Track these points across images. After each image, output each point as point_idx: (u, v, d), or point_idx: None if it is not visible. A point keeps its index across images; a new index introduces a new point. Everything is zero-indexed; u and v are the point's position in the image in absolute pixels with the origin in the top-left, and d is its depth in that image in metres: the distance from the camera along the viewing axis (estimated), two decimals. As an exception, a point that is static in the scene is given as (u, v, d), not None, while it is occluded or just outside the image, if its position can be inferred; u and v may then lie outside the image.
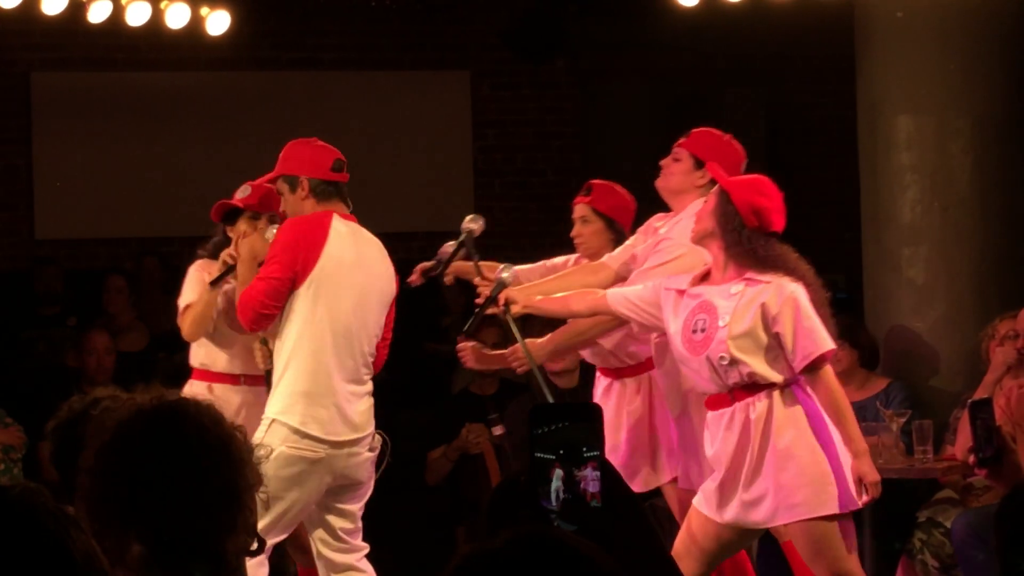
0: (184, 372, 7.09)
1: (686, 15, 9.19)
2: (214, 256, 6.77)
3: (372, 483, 6.27)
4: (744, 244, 5.62)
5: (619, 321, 6.09)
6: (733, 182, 5.76)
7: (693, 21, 9.54)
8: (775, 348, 5.58)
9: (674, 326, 5.72)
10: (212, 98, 11.63)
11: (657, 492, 6.78)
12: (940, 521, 7.57)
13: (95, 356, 9.26)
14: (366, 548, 6.29)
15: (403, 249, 13.23)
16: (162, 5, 9.44)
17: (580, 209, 6.81)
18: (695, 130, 6.51)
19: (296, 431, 5.99)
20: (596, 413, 2.29)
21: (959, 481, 7.57)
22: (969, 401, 5.18)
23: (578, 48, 11.91)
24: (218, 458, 2.70)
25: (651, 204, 6.75)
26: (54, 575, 2.43)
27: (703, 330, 5.63)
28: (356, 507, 6.25)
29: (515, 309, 6.12)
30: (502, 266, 6.50)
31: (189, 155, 11.56)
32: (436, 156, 12.07)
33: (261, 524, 4.81)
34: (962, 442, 7.15)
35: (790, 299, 5.57)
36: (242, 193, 6.67)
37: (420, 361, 11.26)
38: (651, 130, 11.93)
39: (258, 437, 5.95)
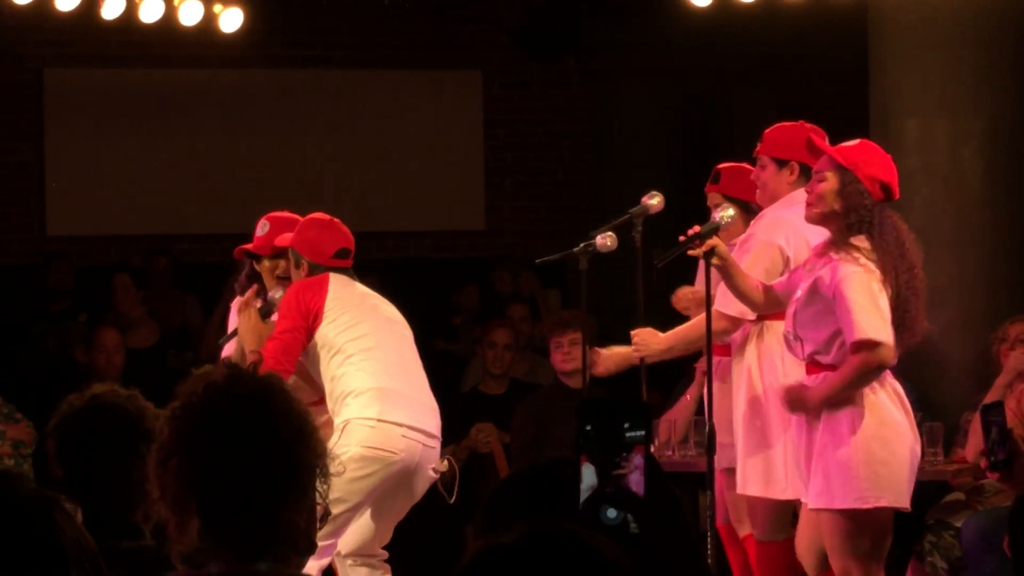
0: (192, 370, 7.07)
1: (698, 15, 9.19)
2: (244, 292, 6.74)
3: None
4: (870, 222, 5.48)
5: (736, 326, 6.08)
6: (851, 155, 5.59)
7: (705, 21, 9.54)
8: (832, 326, 5.47)
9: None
10: (224, 96, 11.64)
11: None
12: (950, 523, 7.57)
13: (105, 353, 9.27)
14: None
15: (413, 247, 13.26)
16: (175, 2, 9.45)
17: (712, 198, 6.59)
18: (766, 132, 6.37)
19: (377, 421, 6.01)
20: (646, 410, 2.28)
21: (969, 483, 7.57)
22: (981, 404, 5.18)
23: (589, 48, 11.90)
24: (297, 437, 2.74)
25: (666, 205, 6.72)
26: (39, 559, 2.42)
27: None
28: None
29: (714, 261, 5.80)
30: (721, 207, 6.25)
31: (201, 152, 11.57)
32: (447, 155, 12.07)
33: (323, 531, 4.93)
34: (973, 445, 7.15)
35: (841, 280, 5.44)
36: (261, 229, 6.65)
37: (430, 360, 11.25)
38: (662, 130, 11.95)
39: (332, 444, 5.90)
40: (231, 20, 9.77)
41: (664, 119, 11.96)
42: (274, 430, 2.74)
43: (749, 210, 6.45)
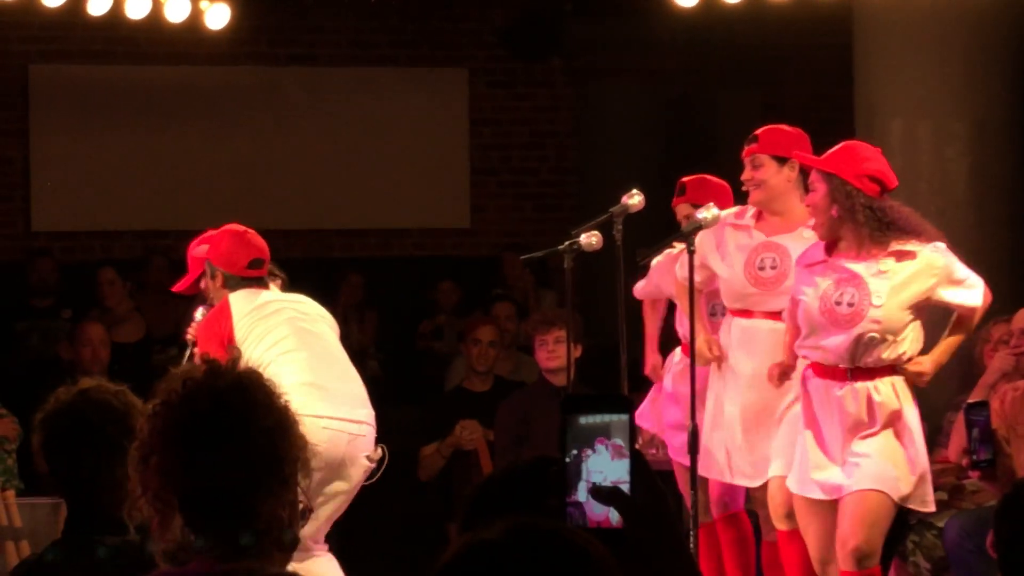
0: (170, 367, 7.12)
1: (683, 15, 9.20)
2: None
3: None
4: (878, 216, 5.60)
5: None
6: (832, 160, 5.69)
7: (690, 22, 9.56)
8: (917, 329, 5.66)
9: (809, 295, 5.70)
10: (210, 93, 11.63)
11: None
12: (932, 523, 7.58)
13: (90, 348, 9.26)
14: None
15: (397, 245, 13.26)
16: (162, -1, 9.44)
17: (681, 209, 6.74)
18: (760, 132, 6.37)
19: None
20: (628, 405, 2.29)
21: (951, 483, 7.58)
22: (965, 403, 5.20)
23: (574, 47, 11.92)
24: (278, 430, 2.75)
25: (647, 202, 6.75)
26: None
27: (851, 304, 5.64)
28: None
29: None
30: (704, 207, 6.25)
31: (186, 149, 11.57)
32: (432, 153, 12.07)
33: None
34: (956, 445, 7.17)
35: (944, 266, 5.73)
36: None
37: (414, 357, 11.28)
38: (646, 130, 11.97)
39: None
40: (217, 17, 9.76)
41: (649, 119, 11.98)
42: (255, 423, 2.74)
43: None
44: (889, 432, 5.63)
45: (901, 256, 5.64)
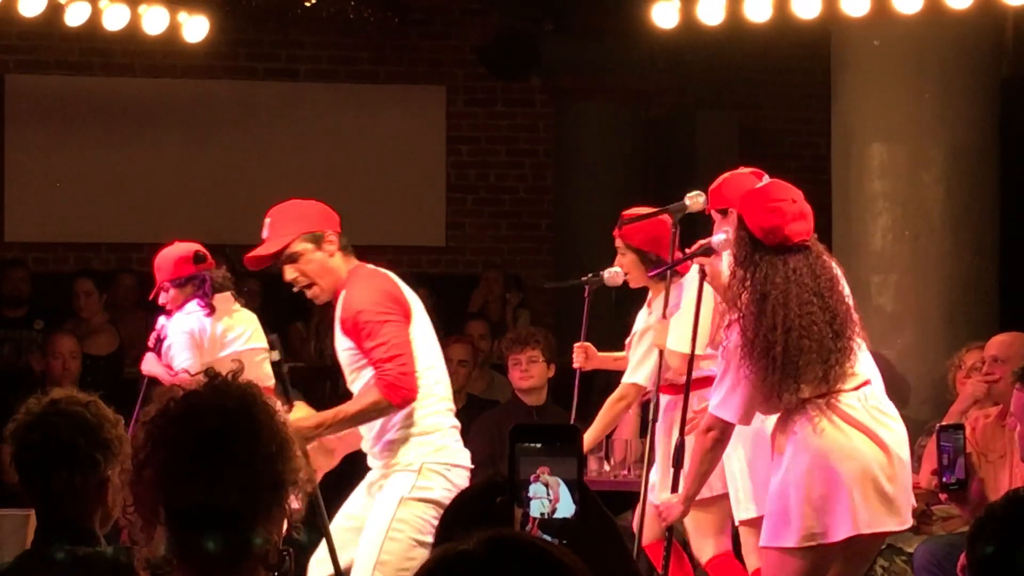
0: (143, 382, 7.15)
1: (663, 37, 9.21)
2: None
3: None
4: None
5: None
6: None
7: (670, 43, 9.58)
8: None
9: None
10: (187, 106, 11.62)
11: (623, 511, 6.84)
12: (901, 548, 7.59)
13: (60, 359, 9.22)
14: None
15: (373, 262, 13.23)
16: (140, 9, 9.42)
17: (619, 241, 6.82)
18: (709, 190, 6.30)
19: None
20: (575, 435, 2.31)
21: (919, 508, 7.59)
22: (938, 425, 5.19)
23: (553, 67, 11.94)
24: (280, 453, 2.72)
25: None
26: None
27: None
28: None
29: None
30: (690, 195, 6.26)
31: (162, 162, 11.55)
32: (409, 170, 12.07)
33: None
34: (926, 470, 7.18)
35: None
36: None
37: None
38: (624, 150, 11.98)
39: None
40: (196, 30, 9.74)
41: (627, 139, 12.00)
42: (260, 446, 2.71)
43: (646, 260, 6.62)
44: None
45: None
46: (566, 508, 2.26)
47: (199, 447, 2.70)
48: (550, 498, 2.27)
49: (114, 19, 9.35)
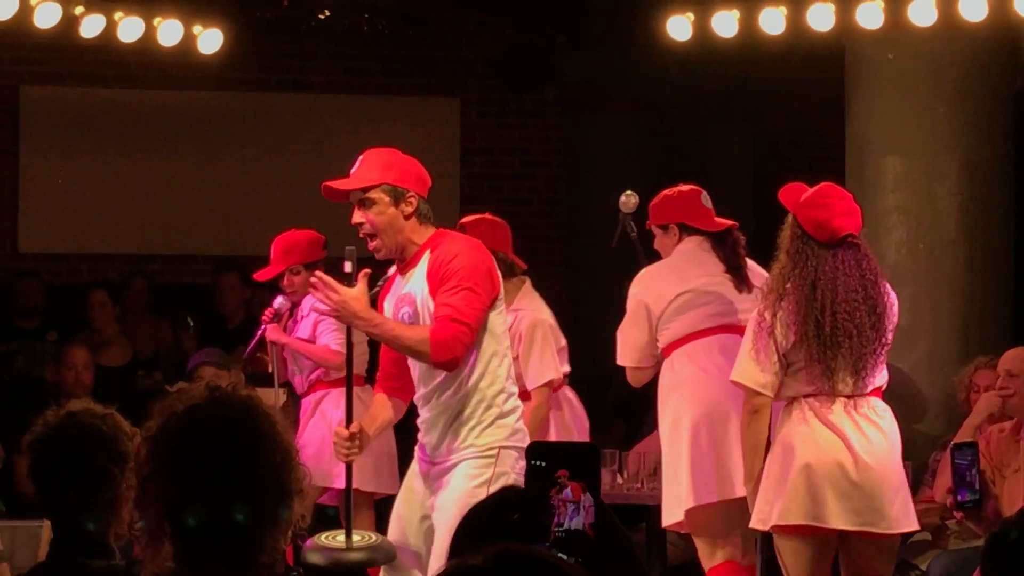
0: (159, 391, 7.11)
1: (676, 49, 9.22)
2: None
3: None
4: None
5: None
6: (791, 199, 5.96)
7: (683, 55, 9.57)
8: None
9: None
10: (201, 117, 11.63)
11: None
12: (915, 563, 7.58)
13: (74, 371, 9.24)
14: None
15: (383, 271, 13.24)
16: (155, 22, 9.43)
17: None
18: (649, 206, 6.84)
19: None
20: (592, 452, 2.31)
21: (935, 523, 7.58)
22: (952, 443, 5.18)
23: (567, 79, 11.94)
24: (284, 463, 2.72)
25: (639, 234, 6.83)
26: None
27: None
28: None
29: None
30: (625, 195, 6.87)
31: (176, 174, 11.55)
32: (423, 182, 12.06)
33: None
34: (941, 484, 7.16)
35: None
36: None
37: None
38: (637, 162, 11.96)
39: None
40: (210, 42, 9.76)
41: (640, 151, 11.99)
42: (265, 458, 2.71)
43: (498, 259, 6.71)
44: None
45: None
46: (581, 524, 2.26)
47: (203, 460, 2.69)
48: (562, 516, 2.27)
49: (129, 31, 9.37)
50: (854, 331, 5.62)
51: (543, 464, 2.27)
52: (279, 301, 7.84)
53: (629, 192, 6.84)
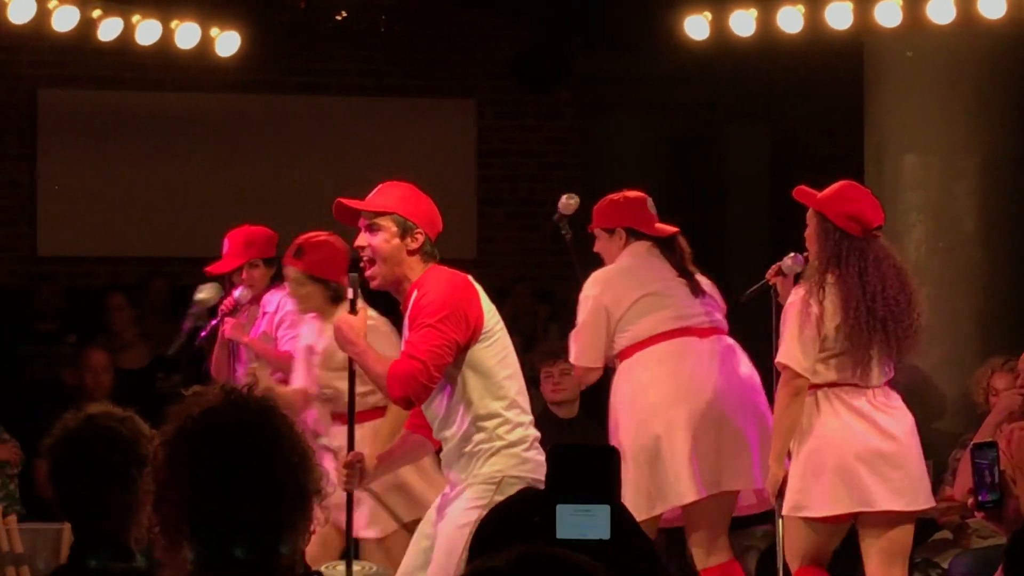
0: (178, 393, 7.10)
1: (694, 49, 9.21)
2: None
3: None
4: (838, 256, 6.12)
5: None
6: (821, 198, 6.17)
7: (700, 56, 9.56)
8: None
9: None
10: (218, 120, 11.64)
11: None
12: (936, 562, 7.56)
13: (92, 373, 9.25)
14: None
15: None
16: (172, 24, 9.45)
17: (290, 272, 6.98)
18: (593, 209, 7.03)
19: None
20: (613, 455, 2.30)
21: (956, 522, 7.56)
22: (972, 443, 5.17)
23: (584, 80, 11.93)
24: (301, 462, 2.72)
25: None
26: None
27: None
28: None
29: None
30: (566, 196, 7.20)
31: (194, 176, 11.57)
32: (440, 184, 11.98)
33: None
34: (961, 483, 7.14)
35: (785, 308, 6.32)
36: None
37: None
38: (654, 163, 11.95)
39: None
40: (227, 44, 9.77)
41: (657, 152, 11.98)
42: (282, 459, 2.70)
43: (328, 286, 6.80)
44: None
45: None
46: (602, 530, 2.25)
47: (221, 463, 2.69)
48: (579, 519, 2.26)
49: (146, 34, 9.38)
50: (898, 316, 5.96)
51: (563, 469, 2.27)
52: (241, 292, 7.55)
53: (571, 195, 6.93)
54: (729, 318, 6.79)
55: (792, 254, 6.46)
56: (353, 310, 5.45)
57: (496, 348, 5.46)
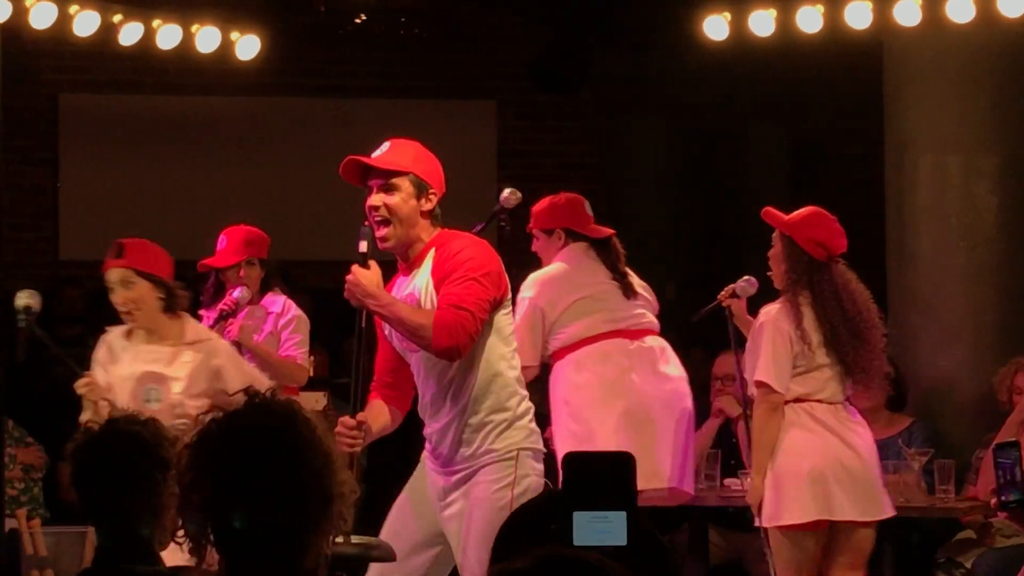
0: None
1: (713, 50, 9.20)
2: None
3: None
4: (808, 278, 6.35)
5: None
6: (791, 222, 6.36)
7: (720, 56, 9.55)
8: None
9: None
10: (239, 123, 11.67)
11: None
12: (960, 561, 7.54)
13: (116, 377, 9.25)
14: None
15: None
16: (193, 29, 9.47)
17: (113, 274, 6.78)
18: (532, 209, 7.29)
19: None
20: (629, 462, 2.30)
21: (979, 521, 7.54)
22: (994, 443, 5.17)
23: (603, 81, 11.93)
24: (325, 466, 2.72)
25: (675, 236, 6.82)
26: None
27: None
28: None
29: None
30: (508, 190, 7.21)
31: (214, 179, 11.59)
32: (460, 184, 11.99)
33: None
34: (984, 483, 7.14)
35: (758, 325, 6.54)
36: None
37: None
38: (673, 164, 11.96)
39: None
40: (248, 48, 9.78)
41: (677, 153, 11.98)
42: (307, 464, 2.71)
43: (160, 284, 6.74)
44: None
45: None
46: (619, 537, 2.25)
47: (245, 467, 2.70)
48: (596, 524, 2.26)
49: (167, 38, 9.40)
50: (866, 338, 6.23)
51: (579, 475, 2.27)
52: (240, 292, 7.50)
53: (514, 189, 7.06)
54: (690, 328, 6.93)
55: (746, 277, 6.79)
56: (365, 264, 5.30)
57: (511, 319, 5.41)
